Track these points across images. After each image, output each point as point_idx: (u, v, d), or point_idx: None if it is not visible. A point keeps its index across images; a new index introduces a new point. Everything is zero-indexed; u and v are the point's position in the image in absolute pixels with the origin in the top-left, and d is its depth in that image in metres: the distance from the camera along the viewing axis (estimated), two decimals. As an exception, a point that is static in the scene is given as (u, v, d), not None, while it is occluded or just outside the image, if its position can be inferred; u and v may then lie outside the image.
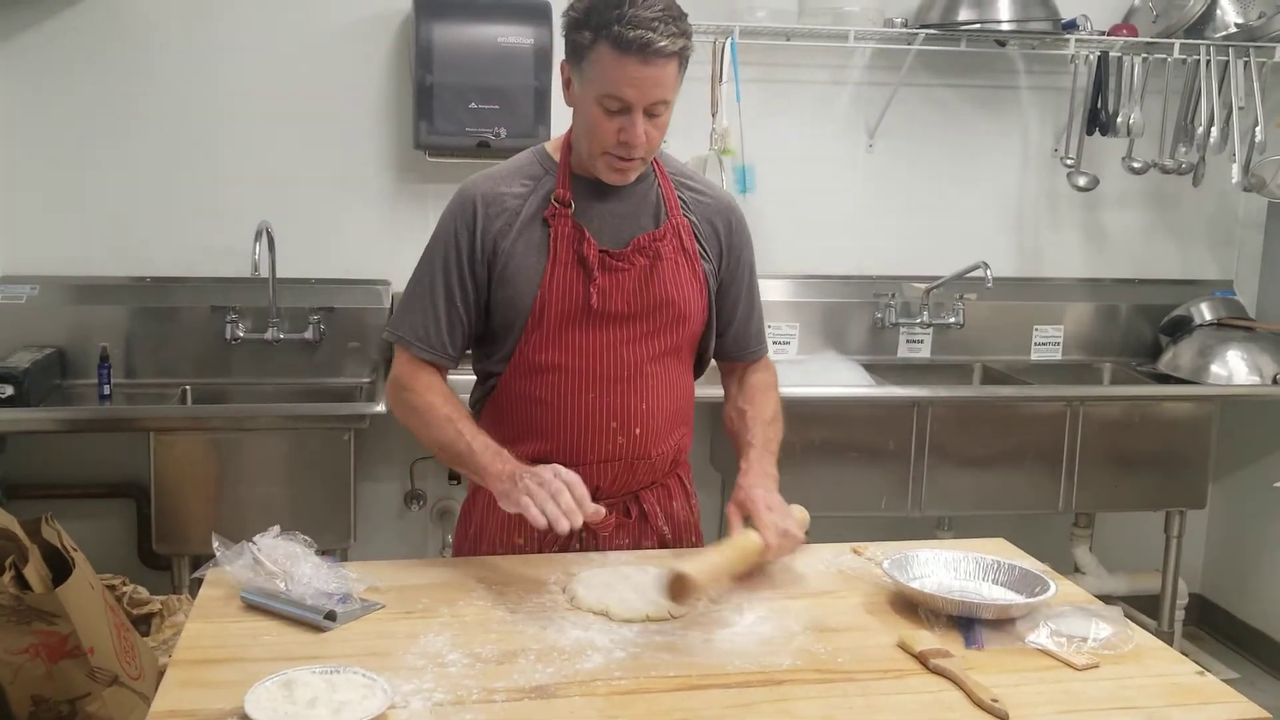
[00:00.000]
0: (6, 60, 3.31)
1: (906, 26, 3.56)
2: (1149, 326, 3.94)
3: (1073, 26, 3.59)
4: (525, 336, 1.92)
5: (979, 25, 3.50)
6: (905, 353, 3.83)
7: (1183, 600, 3.81)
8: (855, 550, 1.99)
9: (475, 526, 2.04)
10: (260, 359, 3.45)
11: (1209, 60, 3.58)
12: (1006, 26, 3.51)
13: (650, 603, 1.71)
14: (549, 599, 1.75)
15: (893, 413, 3.30)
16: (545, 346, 1.92)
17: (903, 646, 1.62)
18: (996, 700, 1.46)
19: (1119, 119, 3.63)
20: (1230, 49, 3.59)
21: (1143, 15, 3.69)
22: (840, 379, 3.47)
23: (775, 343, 3.74)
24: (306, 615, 1.64)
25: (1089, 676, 1.57)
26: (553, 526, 1.68)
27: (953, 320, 3.79)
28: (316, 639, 1.61)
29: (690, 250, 1.98)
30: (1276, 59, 3.61)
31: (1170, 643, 3.36)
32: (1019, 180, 3.87)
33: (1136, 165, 3.72)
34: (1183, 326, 3.80)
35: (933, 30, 3.52)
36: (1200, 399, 3.49)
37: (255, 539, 1.74)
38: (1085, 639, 1.64)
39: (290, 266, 3.41)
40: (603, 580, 1.79)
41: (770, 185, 3.59)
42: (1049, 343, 3.91)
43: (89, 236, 3.40)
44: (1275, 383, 3.53)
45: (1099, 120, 3.64)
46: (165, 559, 3.19)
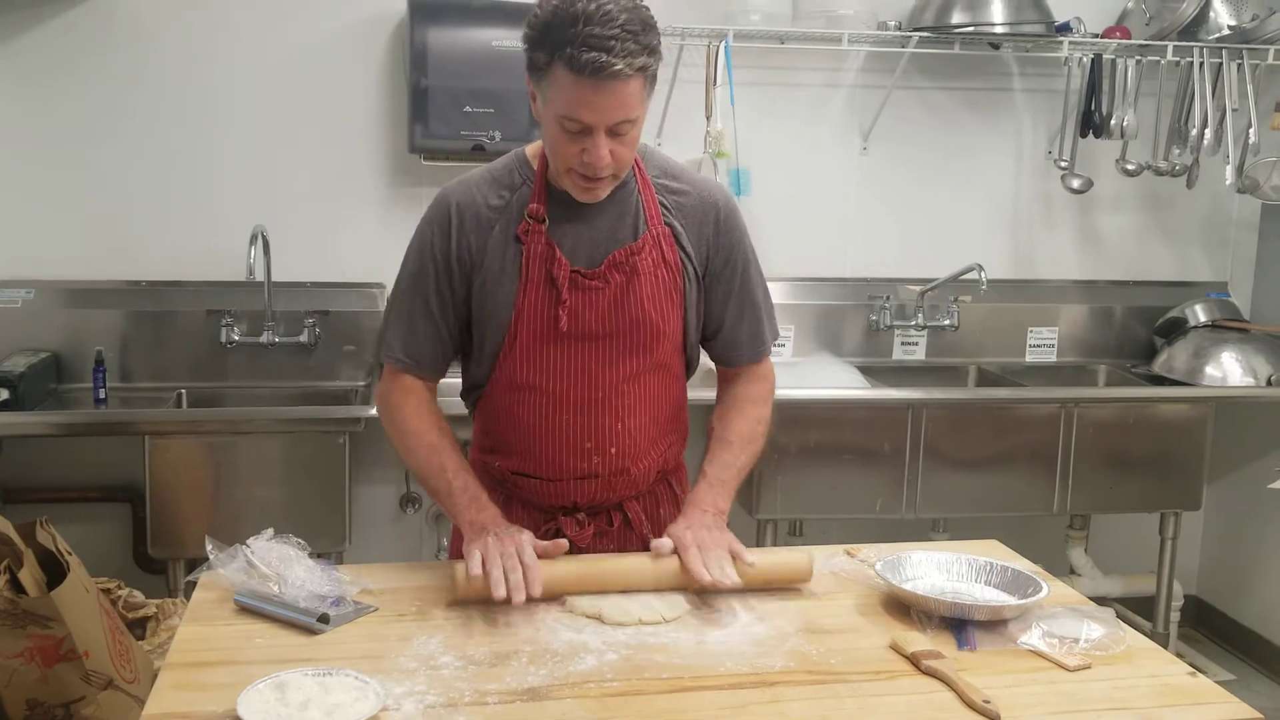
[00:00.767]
0: (2, 63, 3.31)
1: (900, 29, 3.57)
2: (1144, 328, 3.95)
3: (1066, 29, 3.60)
4: (502, 355, 1.88)
5: (973, 28, 3.50)
6: (900, 355, 3.84)
7: (1178, 602, 3.81)
8: (848, 552, 2.00)
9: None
10: (255, 362, 3.45)
11: (1202, 62, 3.59)
12: (1000, 29, 3.52)
13: (643, 606, 1.71)
14: (541, 603, 1.74)
15: (888, 415, 3.30)
16: (520, 367, 1.88)
17: (895, 648, 1.63)
18: (988, 701, 1.46)
19: (1113, 121, 3.63)
20: (1223, 51, 3.59)
21: (1136, 17, 3.70)
22: (835, 381, 3.48)
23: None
24: (299, 618, 1.65)
25: (1081, 677, 1.57)
26: (491, 587, 1.67)
27: (947, 322, 3.79)
28: (309, 641, 1.61)
29: (671, 261, 1.89)
30: (1270, 61, 3.62)
31: (1165, 645, 3.37)
32: (1013, 182, 3.88)
33: (1130, 167, 3.73)
34: (1177, 328, 3.81)
35: (926, 33, 3.52)
36: (1195, 401, 3.50)
37: (249, 542, 1.75)
38: (1077, 640, 1.64)
39: (285, 270, 3.41)
40: None
41: (765, 188, 3.59)
42: (1044, 345, 3.92)
43: (84, 240, 3.41)
44: (1270, 384, 3.54)
45: (1093, 122, 3.64)
46: (160, 563, 3.19)
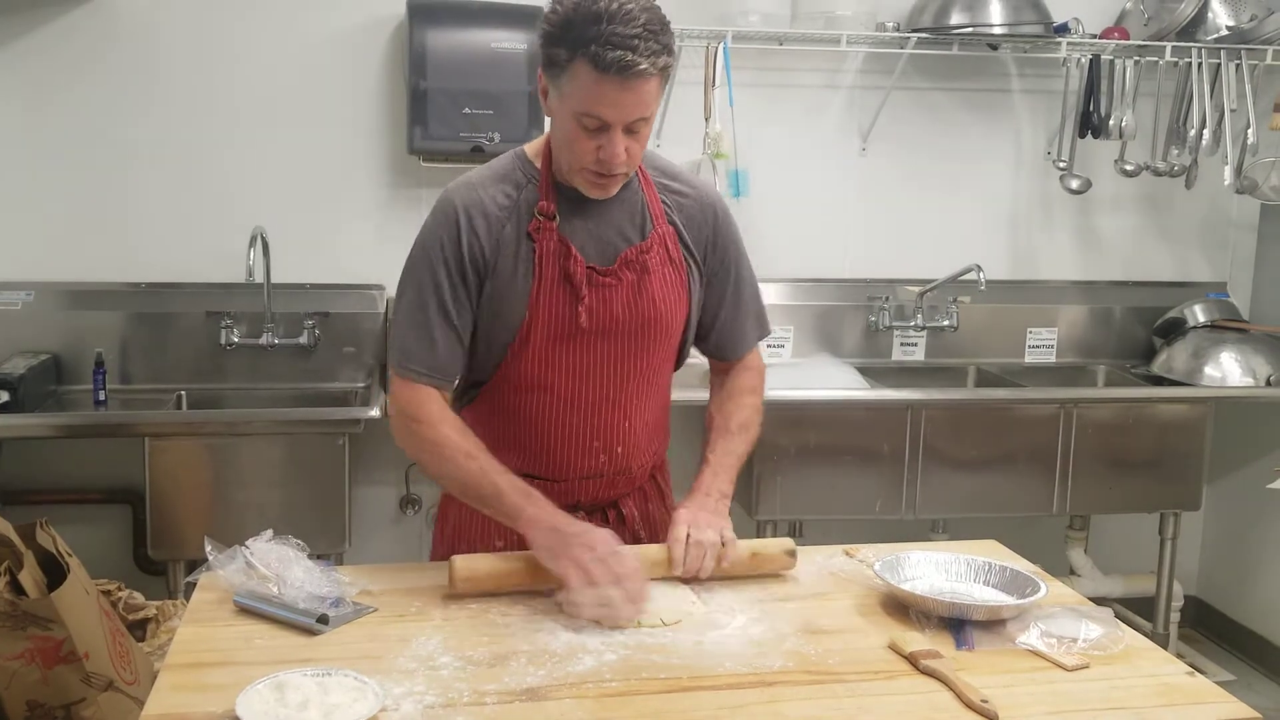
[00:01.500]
0: (3, 66, 3.32)
1: (899, 30, 3.57)
2: (1143, 329, 3.95)
3: (1065, 30, 3.60)
4: (511, 354, 1.87)
5: (971, 29, 3.51)
6: (899, 355, 3.84)
7: (1178, 602, 3.81)
8: (847, 552, 2.00)
9: (452, 527, 2.00)
10: (255, 364, 3.45)
11: (1201, 63, 3.59)
12: (999, 30, 3.52)
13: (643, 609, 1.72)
14: (541, 602, 1.75)
15: (887, 416, 3.31)
16: (531, 366, 1.87)
17: (893, 648, 1.63)
18: (986, 701, 1.46)
19: (1111, 122, 3.63)
20: (1222, 51, 3.60)
21: (1134, 18, 3.70)
22: (834, 382, 3.48)
23: (769, 346, 3.74)
24: (299, 619, 1.65)
25: (1079, 677, 1.57)
26: (611, 617, 1.65)
27: (946, 323, 3.79)
28: (309, 642, 1.61)
29: (677, 259, 1.92)
30: (1268, 61, 3.62)
31: (1165, 645, 3.37)
32: (1012, 183, 3.88)
33: (1129, 168, 3.73)
34: (1176, 328, 3.81)
35: (925, 34, 3.53)
36: (1194, 401, 3.50)
37: (248, 543, 1.75)
38: (1075, 640, 1.64)
39: (285, 272, 3.41)
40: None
41: (764, 189, 3.60)
42: (1043, 345, 3.92)
43: (84, 242, 3.41)
44: (1269, 384, 3.54)
45: (1091, 123, 3.65)
46: (161, 564, 3.20)
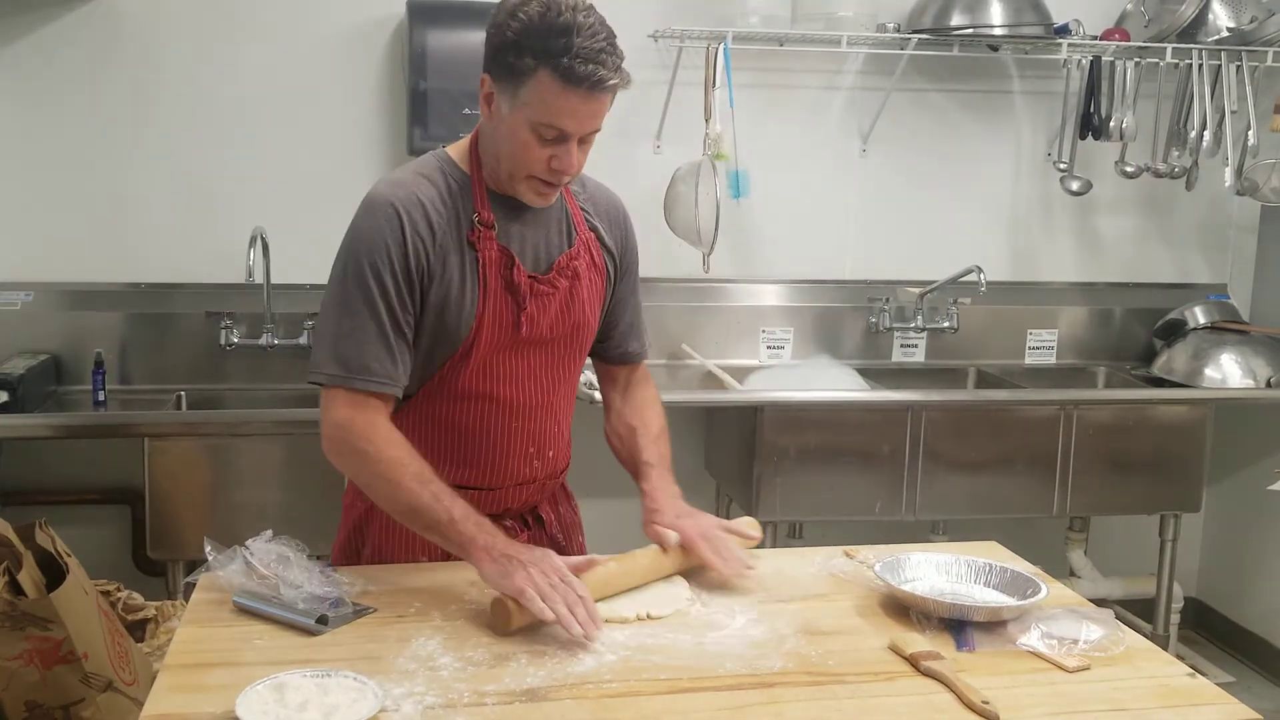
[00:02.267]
0: (3, 67, 3.31)
1: (899, 31, 3.57)
2: (1143, 330, 3.95)
3: (1065, 31, 3.60)
4: (450, 365, 1.83)
5: (972, 30, 3.51)
6: (899, 357, 3.84)
7: (1178, 604, 3.81)
8: (847, 553, 2.00)
9: (372, 549, 1.95)
10: (255, 365, 3.45)
11: (1201, 64, 3.59)
12: (999, 31, 3.52)
13: (632, 605, 1.73)
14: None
15: (887, 417, 3.30)
16: (472, 376, 1.84)
17: (894, 649, 1.63)
18: (987, 702, 1.46)
19: (1112, 123, 3.63)
20: (1223, 53, 3.60)
21: (1135, 20, 3.70)
22: (834, 383, 3.48)
23: (769, 347, 3.75)
24: (298, 619, 1.64)
25: (1080, 678, 1.57)
26: (564, 627, 1.59)
27: (947, 324, 3.79)
28: (308, 643, 1.61)
29: (599, 264, 1.94)
30: (1269, 63, 3.62)
31: (1165, 647, 3.37)
32: (1012, 184, 3.88)
33: (1129, 169, 3.73)
34: (1177, 330, 3.81)
35: (925, 35, 3.53)
36: (1194, 402, 3.49)
37: (248, 543, 1.74)
38: (1076, 641, 1.64)
39: (285, 272, 3.41)
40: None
41: (764, 190, 3.59)
42: (1043, 347, 3.92)
43: (84, 242, 3.40)
44: (1269, 386, 3.54)
45: (1092, 124, 3.64)
46: (160, 565, 3.19)
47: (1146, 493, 3.50)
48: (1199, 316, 3.81)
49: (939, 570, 1.85)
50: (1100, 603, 1.86)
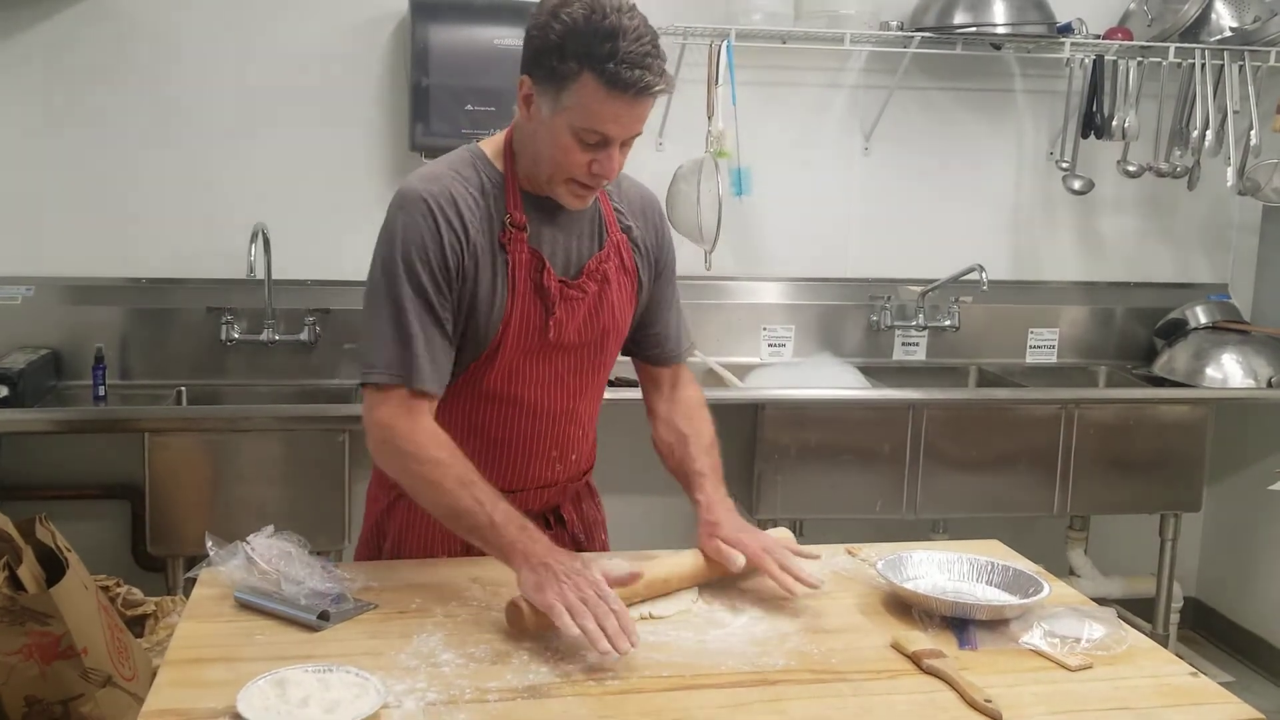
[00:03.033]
0: (4, 62, 3.31)
1: (902, 29, 3.57)
2: (1144, 330, 3.95)
3: (1068, 30, 3.59)
4: (476, 366, 1.82)
5: (974, 28, 3.50)
6: (900, 355, 3.83)
7: (1177, 604, 3.81)
8: (849, 551, 2.00)
9: (392, 543, 1.95)
10: (255, 360, 3.45)
11: (1204, 64, 3.59)
12: (1002, 30, 3.52)
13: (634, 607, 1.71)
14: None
15: (888, 415, 3.30)
16: (497, 378, 1.83)
17: (896, 647, 1.62)
18: (990, 701, 1.46)
19: (1114, 122, 3.63)
20: (1225, 53, 3.59)
21: (1138, 19, 3.70)
22: (835, 381, 3.48)
23: (771, 345, 3.74)
24: (300, 615, 1.64)
25: (1082, 677, 1.57)
26: (592, 643, 1.53)
27: (948, 323, 3.79)
28: (310, 639, 1.60)
29: (629, 267, 1.91)
30: (1271, 62, 3.62)
31: (1165, 646, 3.36)
32: (1014, 183, 3.88)
33: (1132, 169, 3.73)
34: (1178, 330, 3.81)
35: (928, 33, 3.52)
36: (1195, 402, 3.49)
37: (249, 539, 1.74)
38: (1079, 640, 1.64)
39: (286, 268, 3.41)
40: None
41: (766, 188, 3.59)
42: (1044, 345, 3.92)
43: (84, 237, 3.40)
44: (1270, 386, 3.54)
45: (1094, 123, 3.64)
46: (160, 560, 3.19)
47: (1147, 492, 3.50)
48: (1200, 316, 3.81)
49: (941, 568, 1.85)
50: (1100, 602, 1.86)
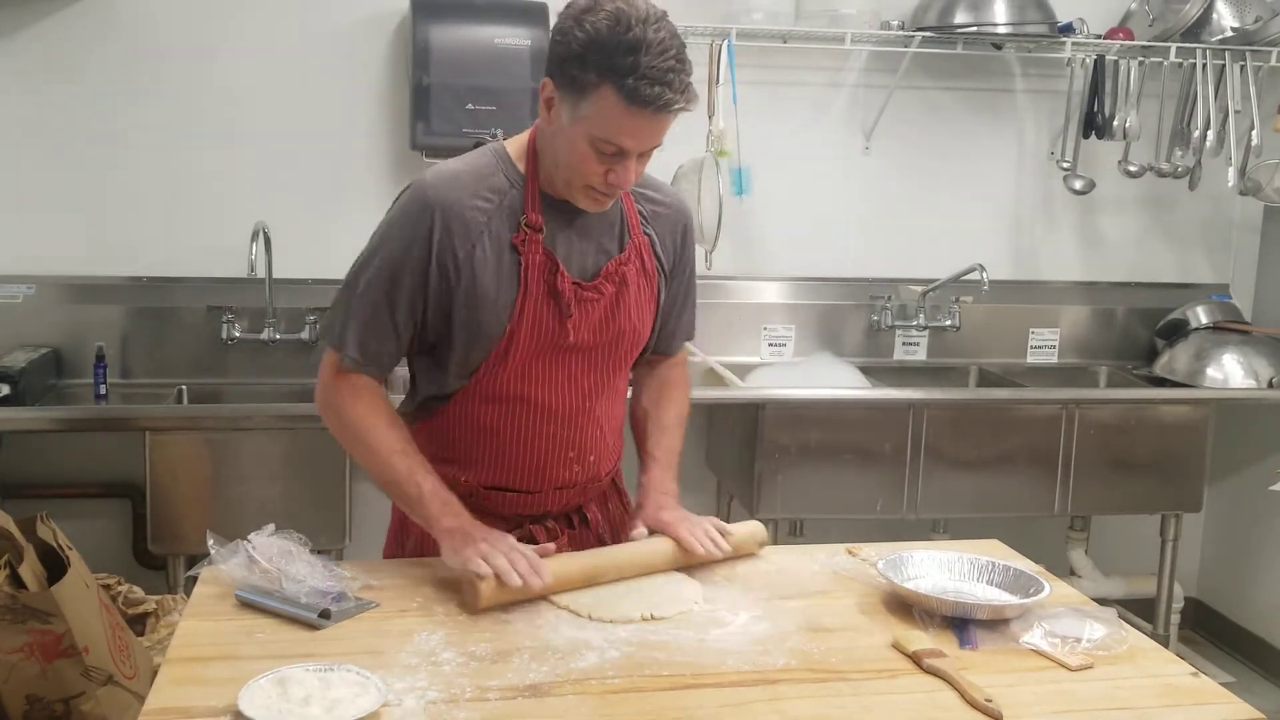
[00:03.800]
0: (3, 59, 3.31)
1: (903, 29, 3.57)
2: (1145, 330, 3.95)
3: (1069, 30, 3.59)
4: (487, 366, 1.83)
5: (975, 28, 3.50)
6: (901, 355, 3.83)
7: (1178, 604, 3.81)
8: (850, 551, 2.00)
9: (415, 540, 1.96)
10: (256, 359, 3.45)
11: (1205, 64, 3.59)
12: (1003, 29, 3.52)
13: (636, 604, 1.72)
14: (540, 600, 1.74)
15: (888, 415, 3.30)
16: (510, 379, 1.83)
17: (897, 647, 1.62)
18: (990, 700, 1.46)
19: (1115, 122, 3.63)
20: (1226, 53, 3.59)
21: (1139, 19, 3.70)
22: (836, 381, 3.47)
23: (771, 345, 3.75)
24: (301, 613, 1.64)
25: (1083, 677, 1.57)
26: (504, 579, 1.66)
27: (949, 323, 3.79)
28: (311, 637, 1.60)
29: (650, 270, 1.90)
30: (1273, 63, 3.62)
31: (1166, 646, 3.36)
32: (1015, 183, 3.88)
33: (1133, 169, 3.73)
34: (1178, 330, 3.81)
35: (929, 33, 3.52)
36: (1196, 402, 3.49)
37: (250, 537, 1.74)
38: (1079, 640, 1.64)
39: (287, 267, 3.41)
40: None
41: (767, 187, 3.59)
42: (1045, 346, 3.92)
43: (85, 236, 3.40)
44: (1271, 386, 3.54)
45: (1095, 123, 3.64)
46: (161, 559, 3.19)
47: (1147, 492, 3.50)
48: (1201, 316, 3.81)
49: (941, 568, 1.85)
50: (1101, 602, 1.86)
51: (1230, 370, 3.57)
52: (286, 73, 3.43)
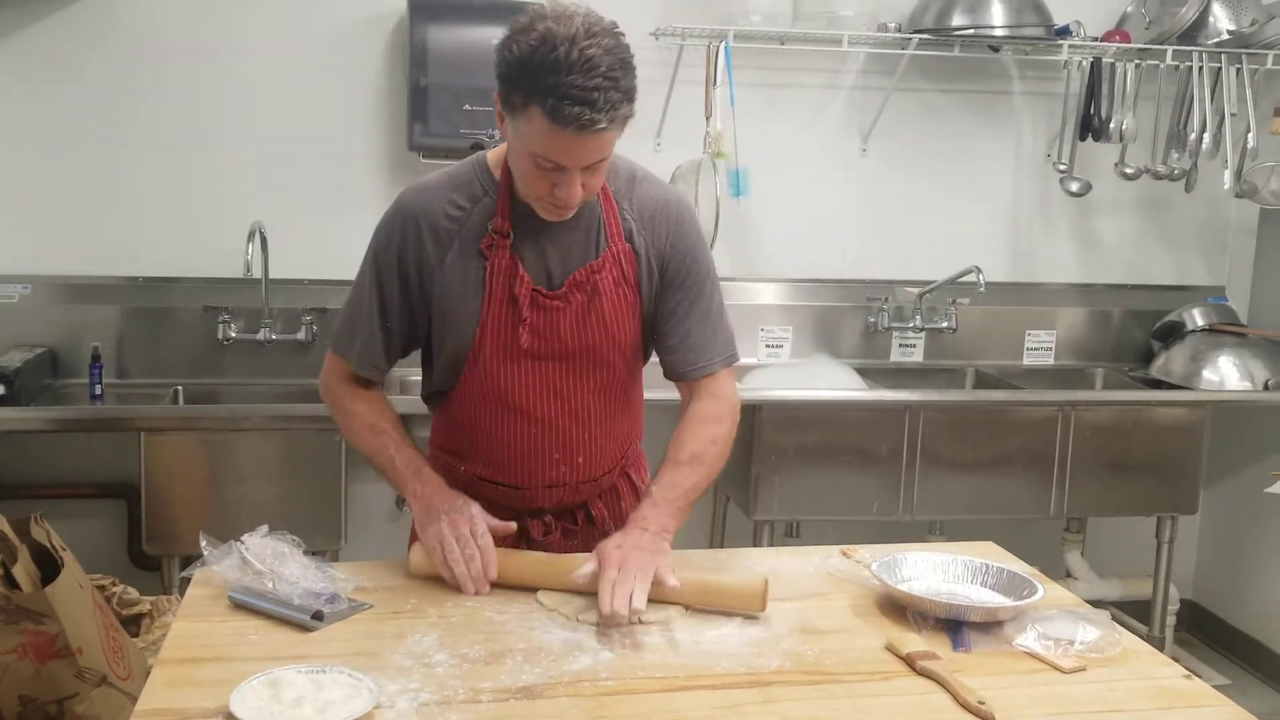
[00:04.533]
0: (3, 59, 3.31)
1: (900, 31, 3.57)
2: (1141, 332, 3.95)
3: (1066, 32, 3.60)
4: (466, 367, 1.88)
5: (973, 30, 3.51)
6: (898, 357, 3.83)
7: (1174, 606, 3.80)
8: (844, 552, 1.99)
9: None
10: (252, 360, 3.45)
11: (1201, 67, 3.59)
12: (1000, 32, 3.52)
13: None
14: (536, 600, 1.74)
15: (885, 417, 3.30)
16: (485, 381, 1.87)
17: (890, 649, 1.62)
18: (983, 702, 1.46)
19: (1112, 125, 3.63)
20: (1223, 55, 3.59)
21: (1136, 21, 3.70)
22: (832, 382, 3.47)
23: (768, 346, 3.74)
24: (293, 615, 1.64)
25: (1076, 679, 1.57)
26: (460, 587, 1.77)
27: (945, 325, 3.79)
28: (303, 639, 1.60)
29: (630, 278, 1.87)
30: (1269, 65, 3.62)
31: (1161, 648, 3.37)
32: (1012, 185, 3.88)
33: (1129, 171, 3.73)
34: (1175, 332, 3.81)
35: (926, 35, 3.52)
36: (1192, 404, 3.49)
37: (243, 538, 1.74)
38: (1072, 642, 1.64)
39: (283, 267, 3.41)
40: None
41: (764, 189, 3.59)
42: (1041, 347, 3.92)
43: (81, 236, 3.40)
44: (1267, 388, 3.54)
45: (1092, 126, 3.64)
46: (155, 559, 3.19)
47: (1143, 494, 3.50)
48: (1197, 319, 3.81)
49: (936, 570, 1.85)
50: (1096, 604, 1.86)
51: (1226, 372, 3.58)
52: (283, 73, 3.43)
